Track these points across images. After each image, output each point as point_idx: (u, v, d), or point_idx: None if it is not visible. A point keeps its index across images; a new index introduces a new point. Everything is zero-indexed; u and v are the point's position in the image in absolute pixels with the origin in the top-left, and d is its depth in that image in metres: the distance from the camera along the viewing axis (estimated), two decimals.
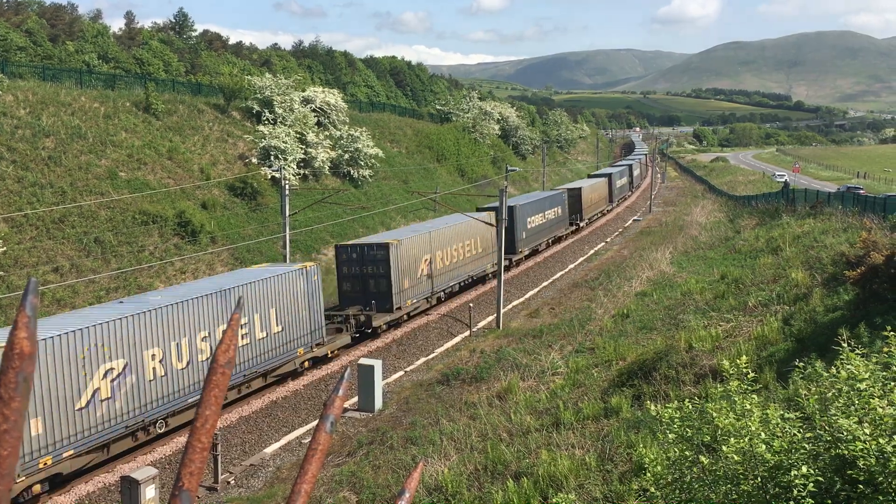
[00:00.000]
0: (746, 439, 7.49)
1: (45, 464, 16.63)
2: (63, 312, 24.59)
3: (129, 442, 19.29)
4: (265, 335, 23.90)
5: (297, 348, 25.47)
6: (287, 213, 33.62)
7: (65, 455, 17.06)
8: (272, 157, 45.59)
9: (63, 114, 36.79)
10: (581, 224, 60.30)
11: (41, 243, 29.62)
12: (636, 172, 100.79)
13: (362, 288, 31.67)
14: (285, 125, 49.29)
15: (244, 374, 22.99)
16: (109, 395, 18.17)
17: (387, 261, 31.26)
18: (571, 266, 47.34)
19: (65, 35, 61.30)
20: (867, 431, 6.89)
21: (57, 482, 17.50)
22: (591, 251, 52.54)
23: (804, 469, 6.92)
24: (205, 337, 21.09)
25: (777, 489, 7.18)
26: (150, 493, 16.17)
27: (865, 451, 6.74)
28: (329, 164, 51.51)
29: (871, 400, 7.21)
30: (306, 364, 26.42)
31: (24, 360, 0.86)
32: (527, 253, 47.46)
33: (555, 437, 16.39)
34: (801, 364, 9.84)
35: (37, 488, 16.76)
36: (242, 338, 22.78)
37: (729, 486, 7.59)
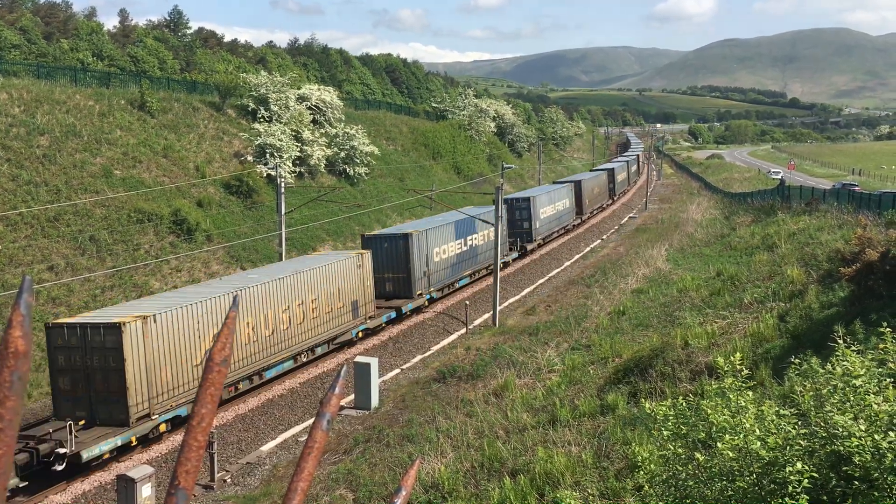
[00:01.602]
0: (741, 436, 7.50)
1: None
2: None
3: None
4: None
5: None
6: (283, 211, 33.59)
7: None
8: (268, 155, 45.53)
9: (58, 112, 36.68)
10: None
11: (36, 242, 29.54)
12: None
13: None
14: (281, 123, 49.21)
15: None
16: None
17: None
18: (567, 263, 47.38)
19: (59, 33, 61.13)
20: (862, 428, 6.91)
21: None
22: (588, 248, 52.60)
23: (799, 465, 6.94)
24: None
25: (772, 485, 7.20)
26: (146, 491, 16.15)
27: (861, 448, 6.76)
28: (325, 161, 51.45)
29: (866, 396, 7.23)
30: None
31: (19, 358, 0.85)
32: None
33: (551, 435, 16.41)
34: (797, 361, 9.86)
35: (163, 427, 20.28)
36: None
37: (724, 482, 7.60)
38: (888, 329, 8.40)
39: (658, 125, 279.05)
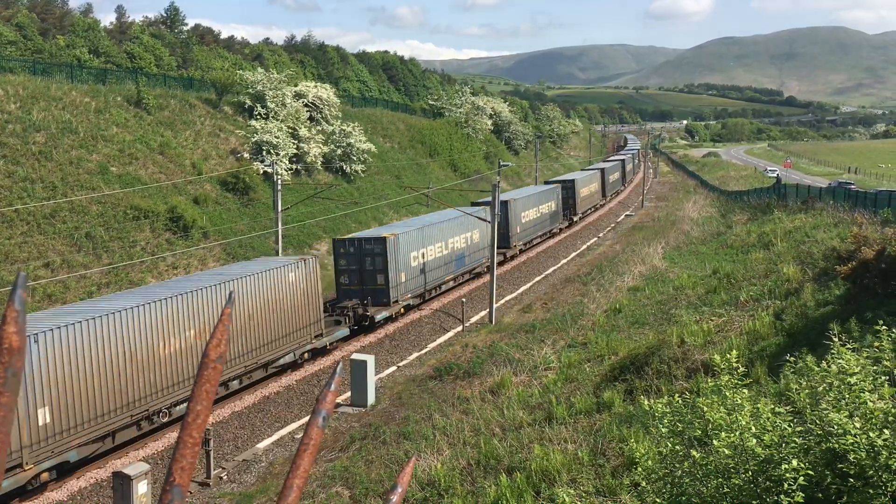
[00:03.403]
0: (737, 433, 7.52)
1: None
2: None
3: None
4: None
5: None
6: (279, 209, 33.56)
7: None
8: (264, 152, 45.47)
9: (54, 108, 36.60)
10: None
11: (32, 238, 29.48)
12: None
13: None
14: (277, 120, 49.14)
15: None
16: None
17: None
18: (564, 261, 47.41)
19: (55, 29, 60.96)
20: (858, 425, 6.93)
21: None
22: (584, 246, 52.63)
23: (795, 463, 6.96)
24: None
25: (768, 483, 7.21)
26: (142, 488, 16.14)
27: (856, 445, 6.78)
28: (321, 159, 51.40)
29: (861, 394, 7.24)
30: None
31: (14, 354, 0.85)
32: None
33: (547, 432, 16.42)
34: (793, 358, 9.89)
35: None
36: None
37: (720, 479, 7.62)
38: (884, 327, 8.42)
39: (655, 123, 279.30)
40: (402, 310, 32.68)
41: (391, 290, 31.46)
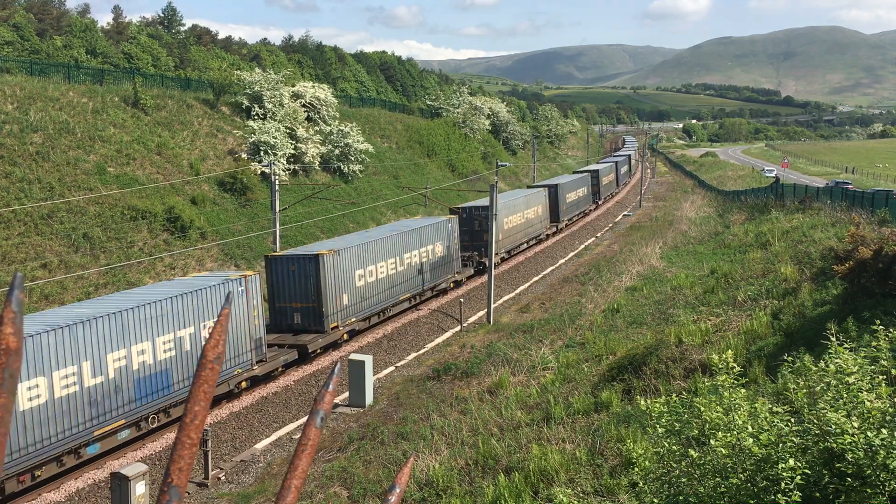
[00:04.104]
0: (735, 433, 7.52)
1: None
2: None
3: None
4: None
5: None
6: (277, 209, 33.54)
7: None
8: (262, 153, 45.45)
9: (51, 109, 36.55)
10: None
11: (29, 239, 29.44)
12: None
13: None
14: (275, 120, 49.13)
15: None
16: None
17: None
18: (562, 261, 47.42)
19: (52, 30, 60.87)
20: (855, 425, 6.94)
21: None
22: (582, 246, 52.66)
23: (792, 462, 6.96)
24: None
25: (765, 482, 7.22)
26: (139, 489, 16.12)
27: (853, 445, 6.78)
28: (319, 159, 51.38)
29: (859, 393, 7.25)
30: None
31: (11, 356, 0.85)
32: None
33: (545, 432, 16.43)
34: (790, 358, 9.90)
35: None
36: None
37: (717, 479, 7.62)
38: (881, 326, 8.43)
39: (653, 123, 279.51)
40: (346, 335, 28.87)
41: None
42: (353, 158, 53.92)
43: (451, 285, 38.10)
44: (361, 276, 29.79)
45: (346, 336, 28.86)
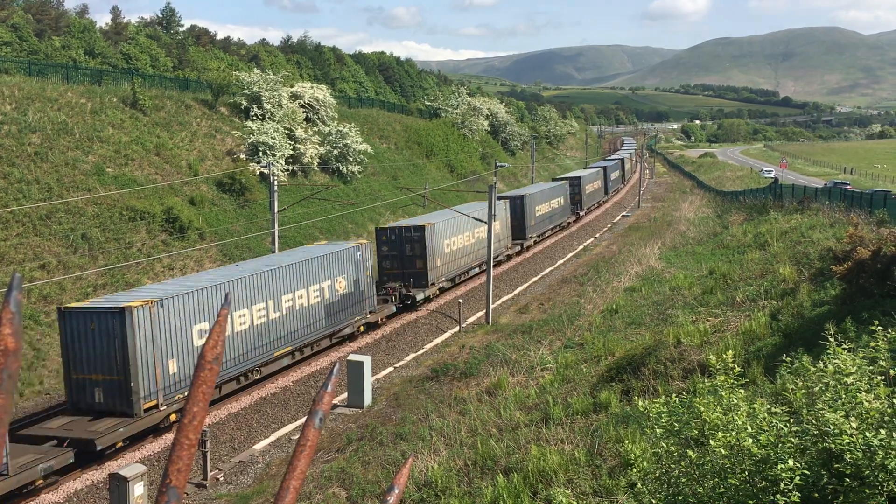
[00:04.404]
0: (733, 433, 7.53)
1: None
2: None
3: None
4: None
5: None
6: (276, 209, 33.54)
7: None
8: (260, 153, 45.44)
9: (49, 109, 36.53)
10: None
11: (28, 240, 29.42)
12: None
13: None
14: (274, 121, 49.12)
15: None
16: None
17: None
18: (560, 262, 47.43)
19: (51, 30, 60.85)
20: (854, 425, 6.94)
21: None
22: (581, 246, 52.66)
23: (791, 462, 6.97)
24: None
25: (764, 483, 7.22)
26: (138, 490, 16.11)
27: (852, 445, 6.79)
28: (318, 159, 51.39)
29: (857, 394, 7.26)
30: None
31: (9, 356, 0.85)
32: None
33: (544, 433, 16.43)
34: (789, 359, 9.90)
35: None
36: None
37: (716, 479, 7.63)
38: (879, 327, 8.44)
39: (651, 124, 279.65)
40: (175, 416, 20.88)
41: (138, 398, 19.76)
42: (351, 159, 53.92)
43: (361, 328, 30.57)
44: (204, 333, 21.71)
45: (175, 417, 20.88)
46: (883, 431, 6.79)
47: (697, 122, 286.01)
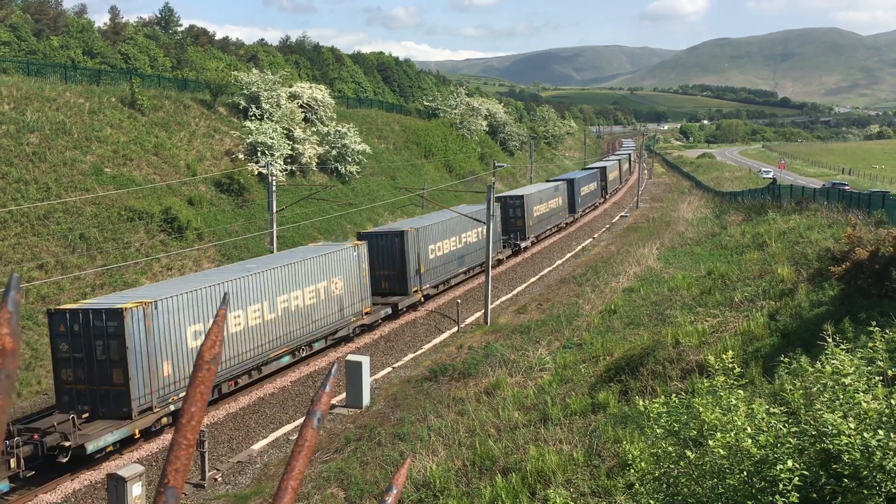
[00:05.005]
0: (732, 434, 7.53)
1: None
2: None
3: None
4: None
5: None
6: (274, 209, 33.53)
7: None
8: (259, 153, 45.42)
9: (48, 109, 36.49)
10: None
11: (26, 240, 29.39)
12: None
13: None
14: (272, 121, 49.11)
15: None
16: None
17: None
18: (559, 262, 47.43)
19: (49, 30, 60.80)
20: (852, 426, 6.95)
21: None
22: (579, 247, 52.67)
23: (789, 463, 6.97)
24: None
25: (763, 483, 7.23)
26: (136, 490, 16.10)
27: (850, 446, 6.79)
28: (316, 160, 51.38)
29: (855, 394, 7.26)
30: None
31: (7, 356, 0.85)
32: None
33: (542, 433, 16.43)
34: (787, 359, 9.90)
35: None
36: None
37: (715, 480, 7.63)
38: (877, 327, 8.44)
39: (650, 124, 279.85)
40: (166, 420, 20.36)
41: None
42: (350, 159, 53.91)
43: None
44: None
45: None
46: (881, 432, 6.79)
47: (696, 122, 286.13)
